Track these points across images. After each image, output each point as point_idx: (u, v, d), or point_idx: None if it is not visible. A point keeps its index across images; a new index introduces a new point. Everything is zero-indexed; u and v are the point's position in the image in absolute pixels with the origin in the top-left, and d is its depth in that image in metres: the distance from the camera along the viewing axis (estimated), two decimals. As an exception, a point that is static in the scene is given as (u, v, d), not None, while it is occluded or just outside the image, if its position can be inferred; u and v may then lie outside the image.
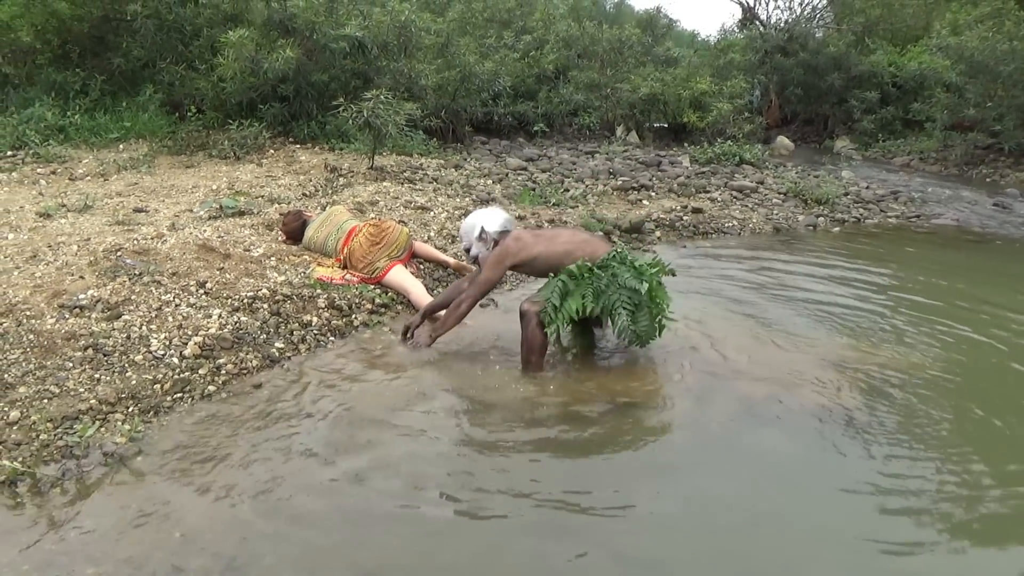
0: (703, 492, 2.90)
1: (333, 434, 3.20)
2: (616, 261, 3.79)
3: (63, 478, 2.78)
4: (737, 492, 2.90)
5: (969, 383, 3.89)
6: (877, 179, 11.15)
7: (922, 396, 3.68)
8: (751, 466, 3.10)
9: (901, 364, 4.06)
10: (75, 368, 3.40)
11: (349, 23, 9.57)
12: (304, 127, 9.50)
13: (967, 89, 12.71)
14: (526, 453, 3.15)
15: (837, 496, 2.88)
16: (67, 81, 9.16)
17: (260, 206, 6.17)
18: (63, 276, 4.19)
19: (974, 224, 8.35)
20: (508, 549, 2.54)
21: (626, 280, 3.69)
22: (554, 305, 3.69)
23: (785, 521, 2.74)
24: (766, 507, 2.81)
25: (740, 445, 3.26)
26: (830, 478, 3.00)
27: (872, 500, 2.83)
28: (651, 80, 14.60)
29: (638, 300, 3.70)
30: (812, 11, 20.14)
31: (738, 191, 9.02)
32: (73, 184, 6.84)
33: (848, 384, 3.78)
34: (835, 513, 2.78)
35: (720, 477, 3.02)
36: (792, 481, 3.00)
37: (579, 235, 4.12)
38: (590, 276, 3.75)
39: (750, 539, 2.62)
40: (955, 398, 3.67)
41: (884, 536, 2.62)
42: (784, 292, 5.34)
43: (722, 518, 2.73)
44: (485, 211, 4.19)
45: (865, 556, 2.53)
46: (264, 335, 4.03)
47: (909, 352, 4.24)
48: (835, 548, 2.58)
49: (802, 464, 3.13)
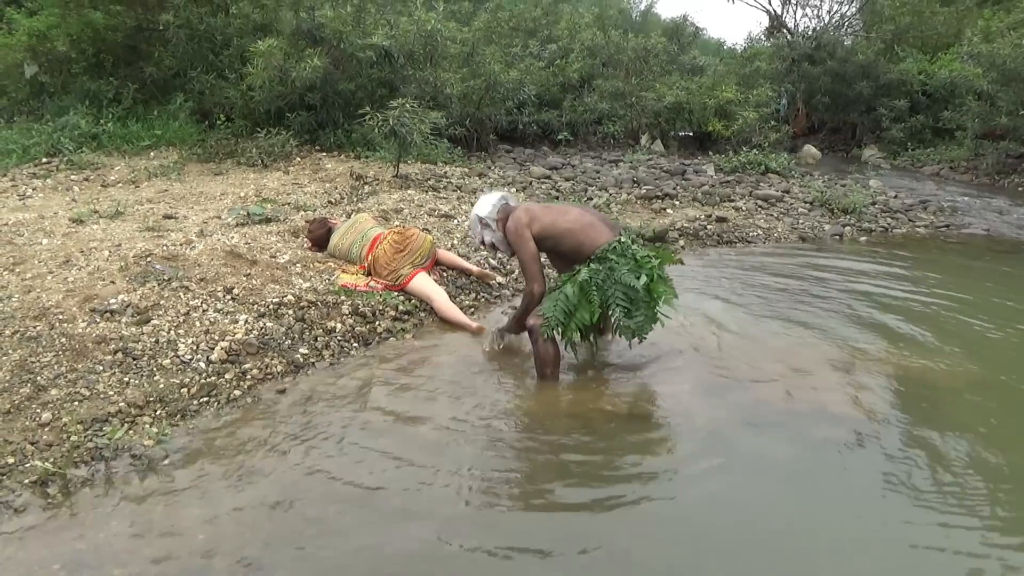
0: (711, 499, 2.89)
1: (356, 441, 3.23)
2: (615, 253, 3.70)
3: (93, 479, 2.85)
4: (746, 499, 2.89)
5: (989, 391, 3.85)
6: (906, 188, 11.01)
7: (941, 404, 3.64)
8: (760, 473, 3.08)
9: (921, 371, 4.02)
10: (105, 371, 3.47)
11: (376, 32, 9.67)
12: (331, 135, 9.62)
13: (999, 97, 12.51)
14: (542, 461, 3.16)
15: (847, 503, 2.87)
16: (101, 90, 9.37)
17: (286, 213, 6.25)
18: (95, 281, 4.28)
19: (1006, 234, 8.22)
20: (520, 552, 2.55)
21: (622, 276, 3.61)
22: (558, 319, 3.64)
23: (793, 530, 2.73)
24: (775, 516, 2.80)
25: (751, 452, 3.24)
26: (843, 487, 2.98)
27: (882, 506, 2.82)
28: (676, 88, 14.55)
29: (634, 296, 3.62)
30: (840, 19, 19.96)
31: (763, 200, 8.96)
32: (105, 191, 6.98)
33: (867, 391, 3.75)
34: (842, 520, 2.76)
35: (728, 485, 3.01)
36: (806, 490, 2.98)
37: (587, 216, 3.91)
38: (591, 281, 3.66)
39: (758, 546, 2.62)
40: (973, 406, 3.63)
41: (896, 544, 2.60)
42: (806, 298, 5.30)
43: (730, 524, 2.73)
44: (477, 203, 4.23)
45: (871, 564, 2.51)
46: (289, 341, 4.08)
47: (932, 360, 4.19)
48: (842, 556, 2.57)
49: (814, 473, 3.11)
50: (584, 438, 3.33)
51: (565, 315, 3.65)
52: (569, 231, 3.81)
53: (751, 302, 5.25)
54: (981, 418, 3.56)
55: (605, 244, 3.73)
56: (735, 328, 4.67)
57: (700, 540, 2.66)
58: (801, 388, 3.83)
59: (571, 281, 3.71)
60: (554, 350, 3.79)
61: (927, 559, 2.57)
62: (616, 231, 3.88)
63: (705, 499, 2.89)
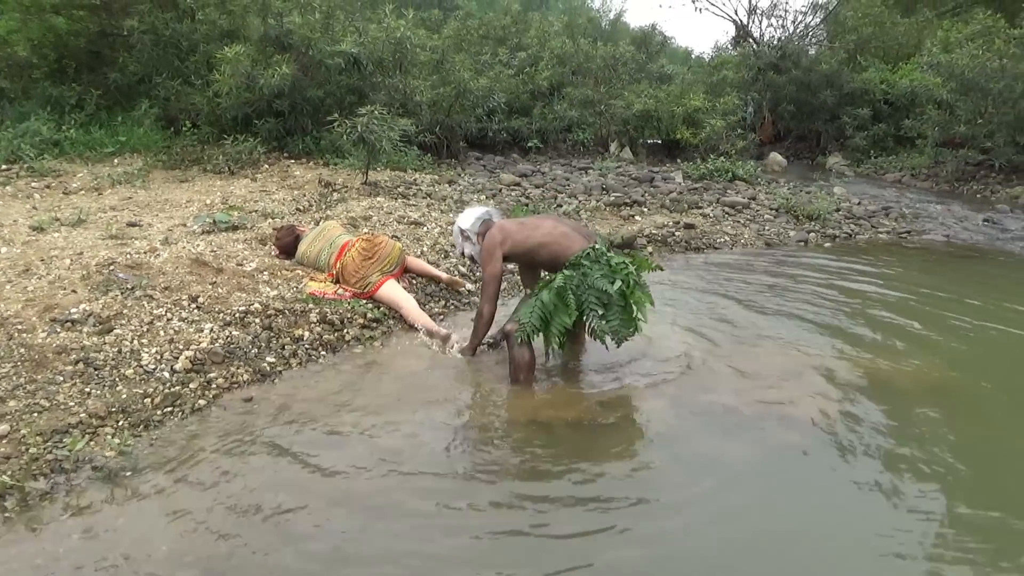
0: (682, 503, 2.92)
1: (322, 449, 3.21)
2: (589, 260, 3.76)
3: (52, 492, 2.79)
4: (718, 507, 2.92)
5: (955, 392, 3.94)
6: (869, 195, 11.22)
7: (908, 406, 3.70)
8: (731, 481, 3.12)
9: (888, 374, 4.09)
10: (66, 382, 3.41)
11: (345, 39, 9.65)
12: (299, 142, 9.56)
13: (958, 106, 12.81)
14: (511, 467, 3.17)
15: (823, 508, 2.91)
16: (63, 95, 9.21)
17: (254, 221, 6.20)
18: (55, 290, 4.20)
19: (964, 239, 8.41)
20: (489, 556, 2.55)
21: (595, 281, 3.68)
22: (534, 325, 3.69)
23: (762, 536, 2.76)
24: (746, 524, 2.83)
25: (720, 459, 3.27)
26: (816, 494, 3.03)
27: (864, 511, 2.86)
28: (645, 97, 14.69)
29: (607, 300, 3.68)
30: (805, 29, 20.35)
31: (730, 207, 9.07)
32: (67, 198, 6.86)
33: (835, 396, 3.81)
34: (814, 527, 2.80)
35: (699, 494, 3.03)
36: (777, 497, 3.02)
37: (560, 227, 4.00)
38: (566, 286, 3.71)
39: (738, 553, 2.64)
40: (940, 407, 3.70)
41: (880, 550, 2.64)
42: (773, 305, 5.37)
43: (703, 532, 2.75)
44: (462, 214, 4.34)
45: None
46: (256, 349, 4.04)
47: (901, 361, 4.27)
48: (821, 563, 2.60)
49: (784, 480, 3.16)
50: (550, 447, 3.34)
51: (542, 321, 3.70)
52: (542, 244, 3.91)
53: (720, 308, 5.31)
54: (950, 419, 3.63)
55: (579, 251, 3.80)
56: (706, 335, 4.71)
57: (671, 549, 2.67)
58: (769, 394, 3.88)
59: (547, 288, 3.75)
60: (528, 356, 3.81)
61: (903, 563, 2.61)
62: (591, 239, 3.94)
63: (675, 509, 2.91)
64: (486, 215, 4.21)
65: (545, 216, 3.93)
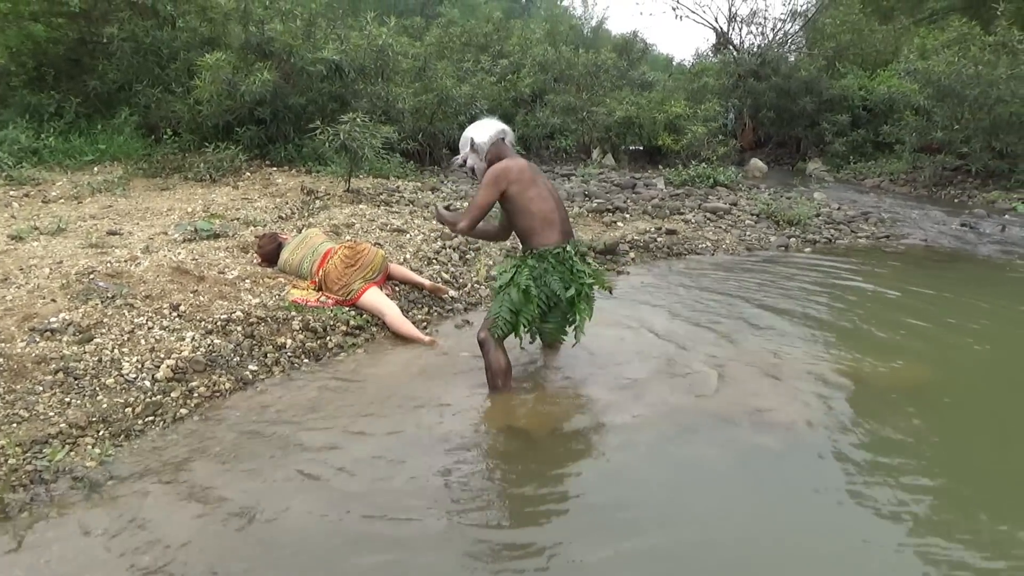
0: (662, 513, 2.94)
1: (305, 458, 3.20)
2: (556, 259, 3.78)
3: (32, 503, 2.76)
4: (694, 511, 2.94)
5: (937, 392, 4.00)
6: (848, 200, 11.33)
7: (885, 406, 3.75)
8: (707, 485, 3.14)
9: (869, 375, 4.14)
10: (45, 392, 3.38)
11: (326, 47, 9.63)
12: (281, 150, 9.52)
13: (935, 112, 12.98)
14: (496, 473, 3.18)
15: (799, 512, 2.94)
16: (41, 103, 9.12)
17: (235, 229, 6.17)
18: (34, 299, 4.16)
19: (943, 244, 8.51)
20: (472, 563, 2.55)
21: (551, 281, 3.75)
22: (505, 319, 3.77)
23: (731, 542, 2.78)
24: (724, 528, 2.85)
25: (696, 464, 3.29)
26: (793, 497, 3.06)
27: (849, 516, 2.89)
28: (627, 103, 14.79)
29: (555, 301, 3.78)
30: (784, 36, 20.53)
31: (712, 213, 9.14)
32: (46, 207, 6.80)
33: (817, 396, 3.85)
34: (789, 531, 2.83)
35: (676, 499, 3.06)
36: (750, 498, 3.05)
37: (556, 213, 3.84)
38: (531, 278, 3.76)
39: (717, 558, 2.66)
40: (920, 408, 3.75)
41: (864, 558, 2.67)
42: (755, 308, 5.41)
43: (680, 538, 2.77)
44: (478, 122, 4.13)
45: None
46: (238, 357, 4.03)
47: (880, 362, 4.32)
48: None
49: (759, 482, 3.18)
50: (528, 452, 3.36)
51: (511, 314, 3.78)
52: (529, 211, 3.77)
53: (699, 312, 5.34)
54: (930, 419, 3.68)
55: (551, 245, 3.79)
56: (681, 337, 4.75)
57: (653, 554, 2.69)
58: (749, 395, 3.91)
59: (514, 284, 3.78)
60: (504, 361, 3.82)
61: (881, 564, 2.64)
62: (566, 237, 3.88)
63: (656, 514, 2.93)
64: (502, 134, 4.01)
65: (554, 195, 3.90)
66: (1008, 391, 4.21)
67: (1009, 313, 5.67)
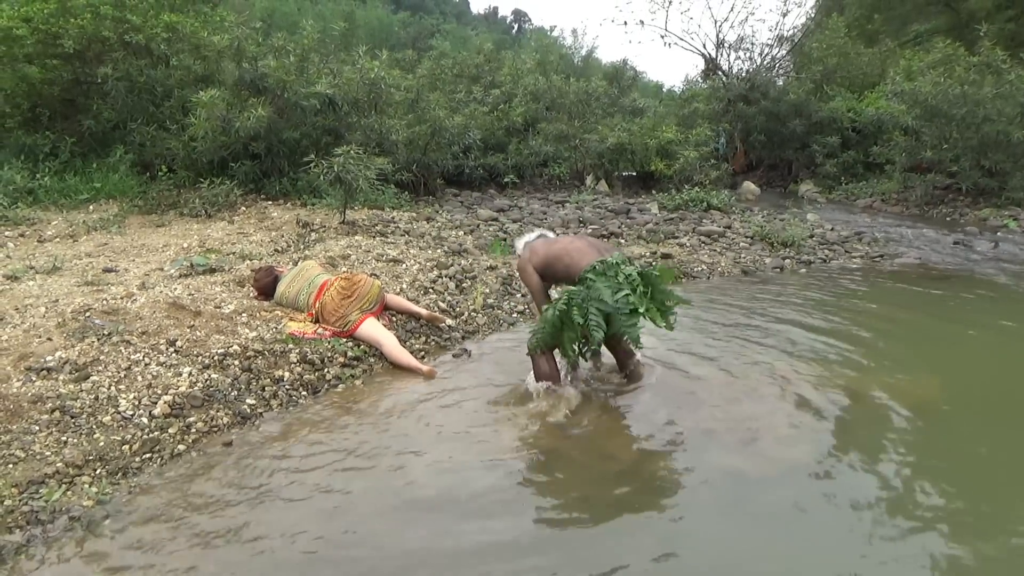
0: (686, 536, 2.91)
1: (305, 493, 3.17)
2: (595, 273, 3.86)
3: (28, 545, 2.73)
4: (714, 539, 2.92)
5: (941, 408, 3.99)
6: (841, 221, 11.41)
7: (893, 423, 3.74)
8: (733, 508, 3.13)
9: (869, 391, 4.13)
10: (41, 431, 3.35)
11: (319, 81, 9.73)
12: (276, 183, 9.57)
13: (923, 132, 13.11)
14: (487, 497, 3.15)
15: (790, 532, 2.92)
16: (37, 144, 9.19)
17: (231, 263, 6.17)
18: (30, 338, 4.15)
19: (937, 262, 8.56)
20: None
21: (598, 292, 3.77)
22: (540, 340, 3.95)
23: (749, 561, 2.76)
24: (749, 552, 2.83)
25: (723, 487, 3.29)
26: (807, 522, 3.04)
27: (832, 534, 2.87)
28: (618, 130, 14.90)
29: (608, 310, 3.74)
30: (772, 61, 20.77)
31: (706, 236, 9.18)
32: (42, 246, 6.80)
33: (808, 412, 3.84)
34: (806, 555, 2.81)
35: (703, 523, 3.04)
36: (760, 520, 3.03)
37: (576, 242, 4.26)
38: (570, 303, 3.83)
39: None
40: (923, 422, 3.74)
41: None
42: (756, 330, 5.41)
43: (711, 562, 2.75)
44: (519, 238, 4.80)
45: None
46: (235, 392, 4.01)
47: (878, 379, 4.32)
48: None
49: (762, 501, 3.17)
50: (528, 480, 3.34)
51: (551, 337, 3.93)
52: (556, 256, 4.20)
53: (707, 336, 5.35)
54: (934, 435, 3.67)
55: (587, 266, 3.92)
56: (699, 354, 4.75)
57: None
58: (743, 413, 3.92)
59: (553, 307, 3.91)
60: (546, 367, 4.07)
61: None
62: (604, 253, 4.06)
63: (684, 536, 2.91)
64: (532, 239, 4.60)
65: (567, 235, 4.24)
66: (1010, 407, 4.20)
67: (1007, 328, 5.68)
